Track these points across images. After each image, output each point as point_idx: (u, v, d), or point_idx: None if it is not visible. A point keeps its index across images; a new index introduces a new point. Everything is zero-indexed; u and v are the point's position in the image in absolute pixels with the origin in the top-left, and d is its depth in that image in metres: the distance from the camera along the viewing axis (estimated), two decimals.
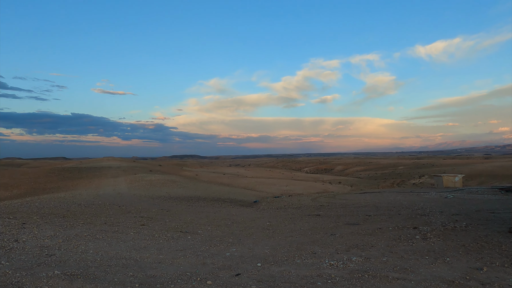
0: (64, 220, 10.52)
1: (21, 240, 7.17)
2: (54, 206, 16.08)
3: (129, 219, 11.68)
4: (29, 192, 31.51)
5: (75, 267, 5.53)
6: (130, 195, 24.68)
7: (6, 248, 6.43)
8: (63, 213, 12.62)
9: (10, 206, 16.20)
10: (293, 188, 43.07)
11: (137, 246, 7.33)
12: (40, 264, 5.58)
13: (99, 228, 9.39)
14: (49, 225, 9.35)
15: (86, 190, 27.94)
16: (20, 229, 8.48)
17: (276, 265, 6.04)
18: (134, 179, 35.04)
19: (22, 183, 36.13)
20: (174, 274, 5.40)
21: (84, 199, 20.61)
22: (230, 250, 7.21)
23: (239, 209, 18.61)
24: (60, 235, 7.95)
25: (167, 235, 8.78)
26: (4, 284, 4.57)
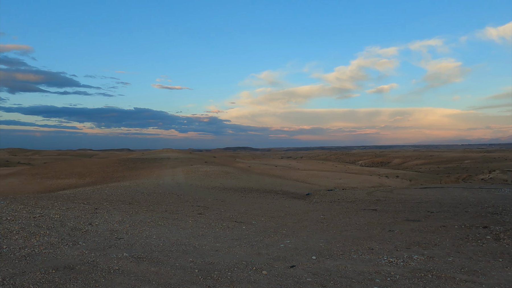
0: (130, 207, 11.38)
1: (94, 224, 7.91)
2: (121, 194, 17.45)
3: (187, 208, 12.28)
4: (99, 180, 34.53)
5: (141, 250, 5.96)
6: (187, 185, 25.90)
7: (82, 230, 7.14)
8: (128, 200, 13.66)
9: (84, 193, 17.92)
10: (347, 182, 41.90)
11: (195, 233, 7.69)
12: (111, 246, 6.11)
13: (160, 215, 10.00)
14: (117, 211, 10.18)
15: (148, 179, 29.88)
16: (93, 213, 9.35)
17: (332, 259, 5.95)
18: (190, 170, 36.67)
19: (93, 172, 39.70)
20: (231, 262, 5.58)
21: (146, 188, 22.08)
22: (284, 242, 7.25)
23: (292, 201, 18.60)
24: (127, 221, 8.62)
25: (223, 224, 9.08)
26: (82, 262, 5.09)
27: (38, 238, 6.28)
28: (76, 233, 6.91)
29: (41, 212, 8.79)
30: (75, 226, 7.54)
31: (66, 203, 11.22)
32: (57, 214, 8.69)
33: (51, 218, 8.18)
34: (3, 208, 9.00)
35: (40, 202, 10.83)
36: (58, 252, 5.54)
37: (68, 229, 7.14)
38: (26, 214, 8.40)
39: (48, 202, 11.13)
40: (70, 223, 7.79)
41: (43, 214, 8.53)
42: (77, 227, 7.45)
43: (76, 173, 39.24)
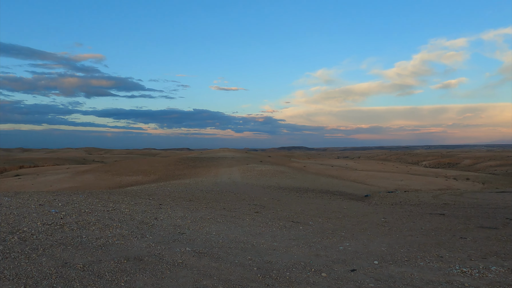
0: (190, 204, 11.91)
1: (159, 218, 8.42)
2: (182, 191, 18.35)
3: (244, 206, 12.51)
4: (162, 177, 36.73)
5: (202, 246, 6.20)
6: (244, 183, 26.41)
7: (149, 224, 7.64)
8: (189, 197, 14.32)
9: (149, 189, 19.16)
10: (409, 183, 39.40)
11: (253, 232, 7.79)
12: (174, 241, 6.44)
13: (219, 212, 10.32)
14: (179, 207, 10.72)
15: (206, 177, 31.06)
16: (158, 209, 9.96)
17: (395, 265, 5.62)
18: (246, 169, 37.34)
19: (157, 170, 42.33)
20: (289, 262, 5.55)
21: (205, 186, 22.95)
22: (343, 244, 7.03)
23: (350, 202, 18.00)
24: (188, 217, 9.03)
25: (280, 223, 9.08)
26: (149, 254, 5.44)
27: (111, 230, 6.85)
28: (144, 226, 7.41)
29: (113, 206, 9.58)
30: (143, 220, 8.09)
31: (134, 198, 12.10)
32: (127, 209, 9.40)
33: (122, 212, 8.88)
34: (82, 202, 9.98)
35: (112, 197, 11.81)
36: (129, 243, 5.98)
37: (136, 223, 7.69)
38: (101, 208, 9.22)
39: (119, 197, 12.10)
40: (138, 217, 8.38)
41: (115, 208, 9.30)
42: (144, 221, 7.99)
43: (142, 171, 42.16)
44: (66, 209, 8.58)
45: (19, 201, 9.36)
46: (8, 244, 5.41)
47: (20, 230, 6.25)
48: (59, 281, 4.15)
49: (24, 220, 7.06)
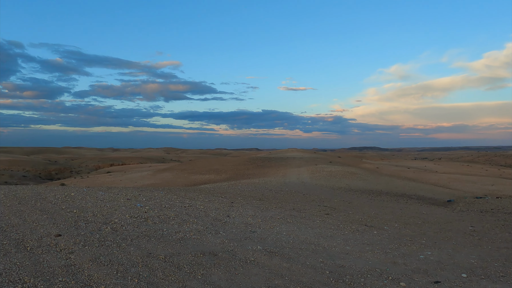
0: (260, 203, 12.12)
1: (231, 216, 8.72)
2: (252, 190, 18.77)
3: (313, 207, 12.31)
4: (233, 177, 38.05)
5: (273, 245, 6.25)
6: (312, 184, 26.03)
7: (222, 221, 7.96)
8: (259, 197, 14.58)
9: (221, 188, 19.99)
10: (502, 189, 34.79)
11: (324, 234, 7.62)
12: (246, 238, 6.61)
13: (288, 213, 10.31)
14: (250, 206, 10.98)
15: (274, 177, 31.33)
16: (229, 207, 10.33)
17: (488, 280, 5.00)
18: (315, 169, 36.75)
19: (228, 169, 43.99)
20: (363, 268, 5.30)
21: (273, 186, 23.16)
22: (424, 253, 6.48)
23: (430, 207, 16.55)
24: (259, 216, 9.19)
25: (352, 227, 8.74)
26: (223, 250, 5.66)
27: (188, 225, 7.29)
28: (217, 223, 7.74)
29: (189, 203, 10.20)
30: (216, 217, 8.46)
31: (208, 196, 12.72)
32: (202, 205, 9.92)
33: (197, 208, 9.40)
34: (162, 197, 10.81)
35: (188, 194, 12.58)
36: (204, 239, 6.30)
37: (210, 219, 8.07)
38: (179, 204, 9.88)
39: (194, 194, 12.84)
40: (212, 214, 8.79)
41: (191, 205, 9.88)
42: (218, 218, 8.35)
43: (214, 170, 44.20)
44: (149, 204, 9.37)
45: (111, 195, 10.50)
46: (103, 234, 6.09)
47: (112, 222, 7.00)
48: (144, 270, 4.54)
49: (115, 213, 7.89)
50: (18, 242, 5.30)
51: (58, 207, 8.08)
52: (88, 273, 4.28)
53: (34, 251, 4.92)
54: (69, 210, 7.85)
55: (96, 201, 9.22)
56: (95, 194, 10.35)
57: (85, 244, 5.40)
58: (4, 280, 3.93)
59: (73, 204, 8.62)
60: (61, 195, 9.79)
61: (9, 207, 7.84)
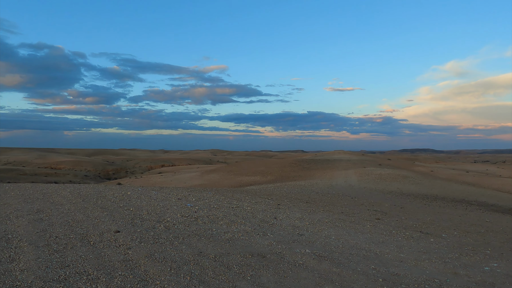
0: (307, 206, 11.96)
1: (278, 218, 8.70)
2: (298, 192, 18.60)
3: (363, 212, 11.88)
4: (278, 178, 38.03)
5: (322, 249, 6.12)
6: (361, 187, 25.15)
7: (269, 223, 7.97)
8: (305, 199, 14.40)
9: (267, 189, 20.06)
10: None
11: (375, 239, 7.31)
12: (294, 241, 6.54)
13: (337, 216, 10.05)
14: (296, 208, 10.87)
15: (321, 180, 30.77)
16: (276, 208, 10.31)
17: None
18: (363, 172, 35.50)
19: (273, 171, 44.05)
20: (420, 277, 4.99)
21: (320, 188, 22.75)
22: (490, 265, 5.94)
23: (493, 215, 15.19)
24: (306, 218, 9.07)
25: (406, 233, 8.28)
26: (271, 252, 5.65)
27: (236, 225, 7.39)
28: (265, 225, 7.77)
29: (237, 204, 10.35)
30: (263, 218, 8.49)
31: (254, 197, 12.82)
32: (249, 207, 10.02)
33: (244, 209, 9.51)
34: (211, 198, 11.10)
35: (235, 195, 12.78)
36: (252, 240, 6.35)
37: (258, 221, 8.11)
38: (227, 204, 10.07)
39: (241, 195, 13.02)
40: (259, 215, 8.84)
41: (238, 206, 10.02)
42: (265, 219, 8.37)
43: (260, 171, 44.51)
44: (199, 204, 9.66)
45: (163, 194, 11.00)
46: (157, 231, 6.39)
47: (165, 220, 7.32)
48: (196, 268, 4.67)
49: (167, 212, 8.25)
50: (83, 236, 5.75)
51: (116, 205, 8.63)
52: (144, 269, 4.51)
53: (96, 246, 5.30)
54: (126, 208, 8.35)
55: (150, 200, 9.71)
56: (149, 194, 10.91)
57: (141, 240, 5.70)
58: (71, 271, 4.27)
59: (129, 202, 9.16)
60: (119, 194, 10.45)
61: (74, 204, 8.53)
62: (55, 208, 7.91)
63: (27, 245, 5.15)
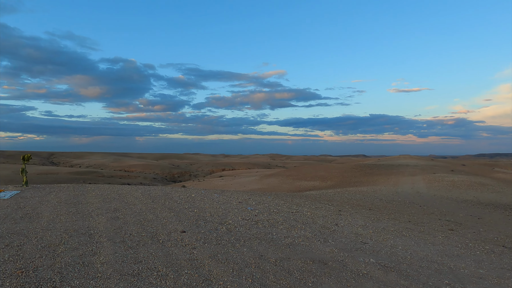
0: (370, 213, 11.42)
1: (340, 225, 8.44)
2: (360, 199, 17.87)
3: (433, 221, 11.00)
4: (338, 184, 36.94)
5: (387, 259, 5.79)
6: (430, 195, 23.33)
7: (330, 229, 7.77)
8: (368, 206, 13.77)
9: (327, 195, 19.60)
10: None
11: (449, 252, 6.71)
12: (357, 249, 6.29)
13: (403, 225, 9.45)
14: (359, 215, 10.45)
15: (385, 186, 29.18)
16: (337, 215, 10.02)
17: None
18: (433, 178, 32.89)
19: (333, 176, 42.93)
20: None
21: (384, 195, 21.59)
22: None
23: None
24: (369, 226, 8.67)
25: (485, 247, 7.47)
26: (332, 260, 5.50)
27: (296, 230, 7.34)
28: (325, 231, 7.59)
29: (297, 209, 10.28)
30: (324, 224, 8.31)
31: (314, 202, 12.61)
32: (309, 212, 9.89)
33: (304, 214, 9.40)
34: (270, 202, 11.17)
35: (295, 200, 12.70)
36: (313, 246, 6.25)
37: (318, 227, 7.96)
38: (286, 209, 10.05)
39: (301, 200, 12.90)
40: (319, 221, 8.67)
41: (298, 211, 9.95)
42: (325, 225, 8.18)
43: (319, 176, 43.68)
44: (259, 208, 9.79)
45: (224, 197, 11.36)
46: (219, 233, 6.61)
47: (227, 222, 7.54)
48: (257, 271, 4.73)
49: (229, 214, 8.49)
50: (153, 235, 6.17)
51: (182, 206, 9.12)
52: (208, 268, 4.69)
53: (165, 244, 5.65)
54: (191, 209, 8.78)
55: (212, 202, 10.09)
56: (211, 196, 11.35)
57: (205, 241, 5.95)
58: (143, 267, 4.61)
59: (193, 204, 9.62)
60: (184, 196, 11.03)
61: (145, 204, 9.21)
62: (128, 207, 8.62)
63: (106, 240, 5.68)
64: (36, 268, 4.37)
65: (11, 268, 4.33)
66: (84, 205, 8.67)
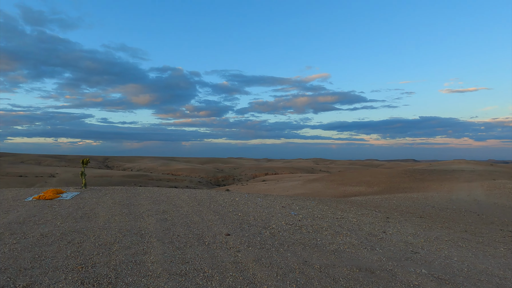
0: (421, 221, 10.81)
1: (388, 232, 8.08)
2: (409, 206, 16.99)
3: (494, 232, 10.14)
4: (385, 189, 35.42)
5: (441, 271, 5.44)
6: (490, 203, 21.53)
7: (377, 237, 7.47)
8: (419, 213, 13.04)
9: (374, 201, 18.88)
10: None
11: None
12: (407, 259, 5.98)
13: (459, 235, 8.82)
14: (408, 223, 9.93)
15: (437, 193, 27.46)
16: (385, 222, 9.61)
17: None
18: (493, 185, 30.32)
19: (380, 181, 41.25)
20: None
21: (436, 202, 20.33)
22: None
23: None
24: (421, 235, 8.20)
25: None
26: (380, 269, 5.28)
27: (342, 237, 7.15)
28: (372, 238, 7.31)
29: (341, 215, 10.02)
30: (371, 231, 8.01)
31: (360, 209, 12.21)
32: (354, 218, 9.60)
33: (350, 221, 9.14)
34: (314, 207, 11.01)
35: (340, 206, 12.40)
36: (359, 253, 6.05)
37: (364, 234, 7.69)
38: (331, 215, 9.85)
39: (345, 206, 12.56)
40: (366, 228, 8.38)
41: (343, 216, 9.70)
42: (372, 233, 7.88)
43: (365, 182, 42.21)
44: (302, 213, 9.69)
45: (267, 202, 11.40)
46: (263, 237, 6.65)
47: (270, 227, 7.56)
48: (301, 277, 4.69)
49: (272, 219, 8.50)
50: (199, 237, 6.36)
51: (226, 210, 9.30)
52: (252, 272, 4.73)
53: (210, 246, 5.80)
54: (235, 213, 8.93)
55: (255, 206, 10.18)
56: (254, 200, 11.45)
57: (249, 245, 6.01)
58: (190, 267, 4.77)
59: (237, 208, 9.77)
60: (228, 199, 11.24)
61: (192, 207, 9.52)
62: (176, 209, 8.97)
63: (156, 240, 5.96)
64: (94, 264, 4.71)
65: (72, 263, 4.71)
66: (136, 207, 9.17)
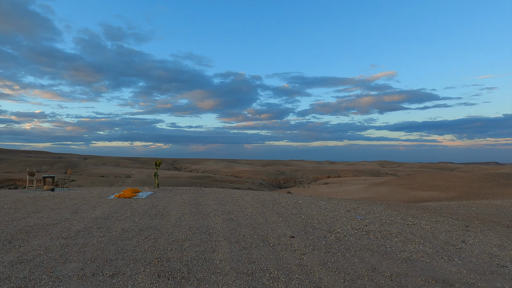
0: (508, 231, 9.64)
1: (468, 242, 7.36)
2: (493, 213, 15.27)
3: None
4: (462, 195, 32.28)
5: None
6: None
7: (456, 247, 6.85)
8: (505, 223, 11.65)
9: (450, 207, 17.34)
10: None
11: None
12: (492, 273, 5.39)
13: None
14: (492, 233, 8.93)
15: None
16: (464, 231, 8.76)
17: None
18: None
19: (456, 186, 37.73)
20: None
21: None
22: None
23: None
24: (508, 247, 7.32)
25: None
26: (460, 281, 4.83)
27: (414, 245, 6.70)
28: (450, 248, 6.73)
29: (413, 221, 9.39)
30: (447, 240, 7.37)
31: (434, 215, 11.31)
32: (427, 225, 8.92)
33: (422, 228, 8.52)
34: (381, 212, 10.49)
35: (410, 211, 11.62)
36: (434, 263, 5.61)
37: (440, 242, 7.11)
38: (400, 220, 9.28)
39: (417, 212, 11.73)
40: (441, 236, 7.73)
41: (414, 223, 9.07)
42: (449, 242, 7.25)
43: (438, 186, 38.95)
44: (369, 218, 9.29)
45: (331, 205, 11.14)
46: (328, 241, 6.52)
47: (335, 231, 7.38)
48: (370, 284, 4.49)
49: (337, 223, 8.30)
50: (264, 238, 6.46)
51: (289, 212, 9.31)
52: (318, 276, 4.67)
53: (275, 248, 5.86)
54: (298, 215, 8.88)
55: (319, 209, 10.01)
56: (318, 203, 11.27)
57: (314, 248, 5.94)
58: (256, 267, 4.87)
59: (300, 210, 9.71)
60: (291, 202, 11.23)
61: (255, 208, 9.70)
62: (241, 210, 9.22)
63: (223, 240, 6.20)
64: (168, 259, 5.06)
65: (150, 257, 5.12)
66: (203, 206, 9.63)
